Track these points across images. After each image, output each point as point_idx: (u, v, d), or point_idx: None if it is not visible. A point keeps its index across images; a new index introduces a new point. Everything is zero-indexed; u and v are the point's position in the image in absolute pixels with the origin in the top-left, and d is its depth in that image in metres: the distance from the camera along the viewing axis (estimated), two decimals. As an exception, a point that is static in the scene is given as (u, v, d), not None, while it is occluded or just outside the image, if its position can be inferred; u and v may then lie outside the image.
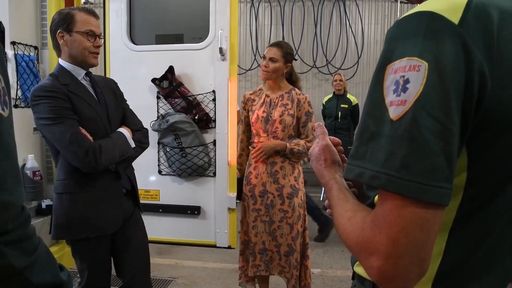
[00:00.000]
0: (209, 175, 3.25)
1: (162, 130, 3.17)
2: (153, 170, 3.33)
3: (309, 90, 7.18)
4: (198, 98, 3.20)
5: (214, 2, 3.12)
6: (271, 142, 2.65)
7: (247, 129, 2.88)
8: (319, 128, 1.05)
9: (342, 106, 5.79)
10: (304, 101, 2.69)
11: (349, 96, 5.94)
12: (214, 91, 3.17)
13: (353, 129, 5.83)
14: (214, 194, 3.24)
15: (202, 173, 3.24)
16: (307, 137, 2.69)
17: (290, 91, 2.71)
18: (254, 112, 2.72)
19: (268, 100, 2.71)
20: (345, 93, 5.90)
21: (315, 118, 2.81)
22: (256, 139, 2.73)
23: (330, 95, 6.03)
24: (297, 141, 2.66)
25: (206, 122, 3.20)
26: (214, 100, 3.18)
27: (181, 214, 3.31)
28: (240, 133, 2.98)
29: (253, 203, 2.70)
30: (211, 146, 3.21)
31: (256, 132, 2.73)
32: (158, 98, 3.27)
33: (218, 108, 3.17)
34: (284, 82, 2.74)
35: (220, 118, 3.16)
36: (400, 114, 0.63)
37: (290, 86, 2.74)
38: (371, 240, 0.65)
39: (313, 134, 2.69)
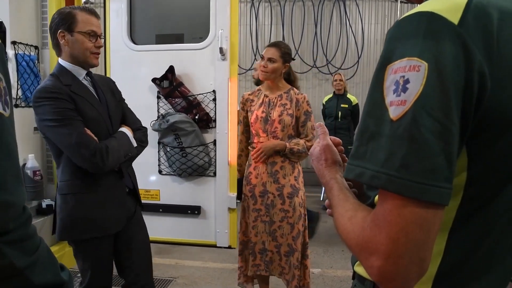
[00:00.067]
0: (209, 175, 3.25)
1: (162, 130, 3.17)
2: (153, 170, 3.34)
3: (309, 90, 7.18)
4: (198, 98, 3.20)
5: (215, 2, 3.12)
6: (271, 142, 2.65)
7: (246, 129, 2.88)
8: (320, 128, 1.05)
9: (342, 106, 5.80)
10: (302, 100, 2.69)
11: (349, 96, 5.94)
12: (214, 91, 3.18)
13: (353, 129, 5.83)
14: (214, 194, 3.24)
15: (202, 173, 3.24)
16: (307, 136, 2.69)
17: (289, 91, 2.71)
18: (253, 112, 2.72)
19: (267, 100, 2.71)
20: (345, 93, 5.91)
21: (315, 118, 2.81)
22: (255, 139, 2.73)
23: (330, 95, 6.04)
24: (296, 140, 2.66)
25: (207, 122, 3.20)
26: (214, 100, 3.18)
27: (181, 214, 3.31)
28: (239, 133, 2.98)
29: (253, 203, 2.70)
30: (212, 146, 3.21)
31: (255, 132, 2.73)
32: (158, 98, 3.28)
33: (218, 108, 3.17)
34: (282, 82, 2.74)
35: (220, 118, 3.17)
36: (400, 114, 0.63)
37: (288, 86, 2.75)
38: (371, 239, 0.65)
39: (312, 134, 2.69)
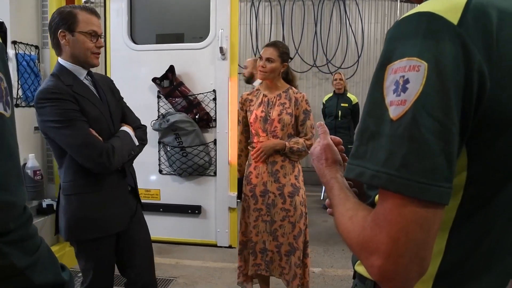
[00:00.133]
0: (209, 175, 3.26)
1: (162, 129, 3.18)
2: (153, 170, 3.34)
3: (309, 89, 7.18)
4: (198, 97, 3.20)
5: (215, 1, 3.12)
6: (271, 142, 2.65)
7: (246, 129, 2.88)
8: (321, 127, 1.05)
9: (342, 105, 5.79)
10: (301, 99, 2.69)
11: (349, 95, 5.94)
12: (214, 91, 3.18)
13: (353, 128, 5.82)
14: (214, 194, 3.24)
15: (202, 172, 3.24)
16: (306, 135, 2.70)
17: (287, 90, 2.72)
18: (252, 112, 2.72)
19: (266, 99, 2.71)
20: (345, 92, 5.90)
21: (316, 117, 2.81)
22: (255, 139, 2.73)
23: (330, 94, 6.03)
24: (296, 139, 2.66)
25: (207, 122, 3.21)
26: (214, 99, 3.18)
27: (181, 214, 3.31)
28: (238, 133, 2.99)
29: (254, 203, 2.71)
30: (212, 146, 3.22)
31: (255, 132, 2.73)
32: (158, 97, 3.28)
33: (218, 107, 3.18)
34: (281, 81, 2.74)
35: (220, 118, 3.17)
36: (400, 113, 0.63)
37: (287, 85, 2.75)
38: (372, 239, 0.65)
39: (311, 132, 2.70)
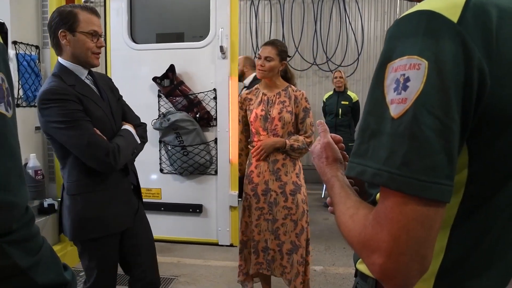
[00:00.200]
0: (210, 173, 3.26)
1: (163, 128, 3.18)
2: (154, 169, 3.34)
3: (309, 87, 7.17)
4: (199, 96, 3.21)
5: (215, 0, 3.12)
6: (271, 140, 2.66)
7: (246, 128, 2.88)
8: (321, 125, 1.05)
9: (342, 103, 5.79)
10: (301, 97, 2.70)
11: (349, 93, 5.94)
12: (215, 90, 3.18)
13: (353, 126, 5.82)
14: (215, 192, 3.25)
15: (203, 171, 3.25)
16: (306, 132, 2.70)
17: (287, 88, 2.72)
18: (252, 111, 2.72)
19: (265, 98, 2.71)
20: (345, 90, 5.90)
21: (316, 116, 2.81)
22: (255, 138, 2.73)
23: (330, 92, 6.03)
24: (296, 137, 2.67)
25: (207, 121, 3.21)
26: (215, 98, 3.18)
27: (183, 213, 3.32)
28: (238, 133, 2.99)
29: (256, 202, 2.71)
30: (213, 145, 3.22)
31: (255, 131, 2.73)
32: (159, 96, 3.28)
33: (219, 106, 3.18)
34: (280, 79, 2.75)
35: (221, 116, 3.17)
36: (401, 112, 0.64)
37: (286, 84, 2.75)
38: (373, 237, 0.65)
39: (311, 130, 2.70)
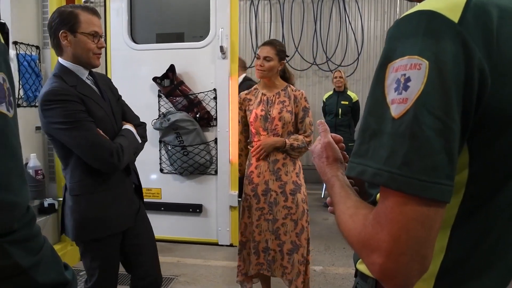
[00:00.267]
0: (210, 173, 3.26)
1: (163, 128, 3.18)
2: (154, 169, 3.34)
3: (309, 87, 7.18)
4: (199, 96, 3.21)
5: (215, 0, 3.12)
6: (270, 139, 2.66)
7: (245, 129, 2.88)
8: (321, 125, 1.05)
9: (342, 103, 5.79)
10: (300, 97, 2.70)
11: (349, 93, 5.94)
12: (215, 90, 3.18)
13: (353, 126, 5.82)
14: (215, 192, 3.25)
15: (203, 171, 3.24)
16: (305, 132, 2.71)
17: (286, 88, 2.72)
18: (251, 111, 2.72)
19: (265, 98, 2.71)
20: (345, 90, 5.90)
21: (316, 115, 2.82)
22: (255, 138, 2.73)
23: (330, 92, 6.03)
24: (295, 136, 2.67)
25: (208, 121, 3.21)
26: (215, 98, 3.18)
27: (183, 213, 3.32)
28: (237, 133, 2.99)
29: (256, 202, 2.70)
30: (213, 144, 3.22)
31: (255, 131, 2.73)
32: (159, 96, 3.28)
33: (219, 106, 3.18)
34: (278, 79, 2.75)
35: (221, 116, 3.17)
36: (401, 112, 0.64)
37: (285, 83, 2.75)
38: (373, 237, 0.65)
39: (310, 129, 2.71)
